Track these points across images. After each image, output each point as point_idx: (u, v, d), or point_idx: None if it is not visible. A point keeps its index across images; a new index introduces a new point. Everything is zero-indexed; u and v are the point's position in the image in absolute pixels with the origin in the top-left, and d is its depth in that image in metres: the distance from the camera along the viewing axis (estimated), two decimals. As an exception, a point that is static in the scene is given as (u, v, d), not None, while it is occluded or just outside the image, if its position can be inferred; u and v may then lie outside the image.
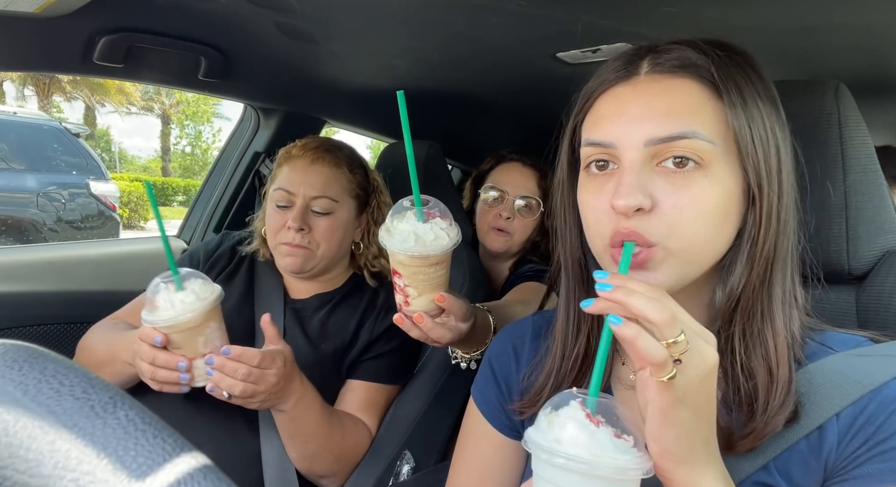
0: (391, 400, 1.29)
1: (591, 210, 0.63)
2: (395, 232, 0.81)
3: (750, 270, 0.60)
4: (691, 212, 0.57)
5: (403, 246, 0.79)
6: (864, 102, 0.78)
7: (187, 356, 0.97)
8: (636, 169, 0.58)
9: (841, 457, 0.58)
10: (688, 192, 0.57)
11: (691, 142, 0.57)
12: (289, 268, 1.25)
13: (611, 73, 0.64)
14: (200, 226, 1.91)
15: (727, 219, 0.59)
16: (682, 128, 0.58)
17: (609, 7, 1.02)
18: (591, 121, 0.65)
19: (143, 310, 0.97)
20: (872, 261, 0.78)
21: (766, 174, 0.59)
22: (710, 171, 0.58)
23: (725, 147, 0.59)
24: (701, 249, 0.59)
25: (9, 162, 6.64)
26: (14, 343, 0.34)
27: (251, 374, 0.96)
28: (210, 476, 0.29)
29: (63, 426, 0.30)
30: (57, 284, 1.56)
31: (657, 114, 0.59)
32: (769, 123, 0.60)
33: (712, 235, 0.59)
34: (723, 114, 0.59)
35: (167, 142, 25.51)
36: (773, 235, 0.60)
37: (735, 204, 0.60)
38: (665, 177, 0.58)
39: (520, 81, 1.54)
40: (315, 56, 1.46)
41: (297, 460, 1.12)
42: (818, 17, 1.01)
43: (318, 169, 1.25)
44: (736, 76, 0.60)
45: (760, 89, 0.61)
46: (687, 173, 0.58)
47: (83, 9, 1.11)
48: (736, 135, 0.58)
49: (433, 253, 0.79)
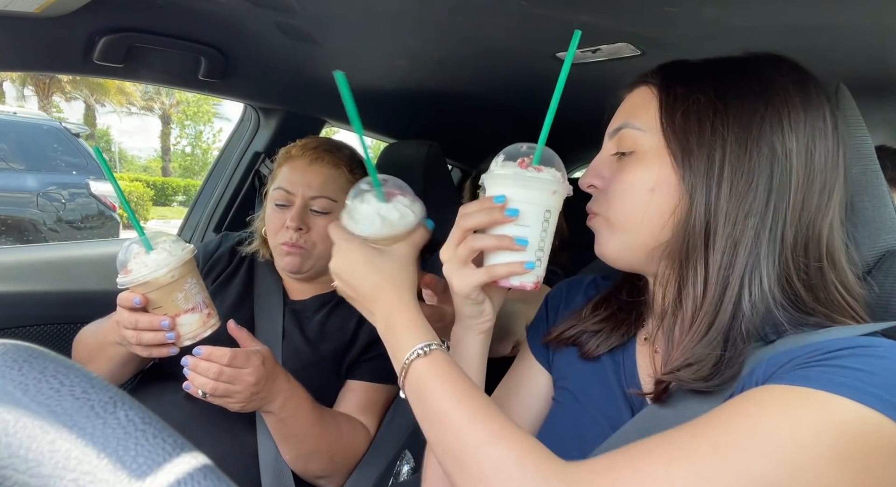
0: (391, 400, 1.29)
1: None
2: (357, 216, 0.76)
3: (689, 235, 0.65)
4: (620, 186, 0.69)
5: (371, 230, 0.75)
6: (864, 102, 0.78)
7: (169, 314, 0.97)
8: (603, 158, 0.74)
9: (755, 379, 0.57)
10: (621, 173, 0.70)
11: (626, 131, 0.70)
12: (287, 268, 1.25)
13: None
14: (200, 226, 1.91)
15: (654, 194, 0.67)
16: (622, 121, 0.72)
17: (609, 7, 1.02)
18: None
19: (118, 276, 0.96)
20: (872, 262, 0.78)
21: (699, 149, 0.65)
22: (642, 157, 0.69)
23: (658, 134, 0.68)
24: (630, 218, 0.69)
25: (9, 162, 6.64)
26: (14, 343, 0.35)
27: (223, 373, 0.96)
28: (210, 476, 0.29)
29: (63, 426, 0.30)
30: (57, 284, 1.56)
31: (617, 115, 0.75)
32: (702, 105, 0.66)
33: (640, 206, 0.67)
34: (658, 109, 0.69)
35: (167, 142, 25.53)
36: (701, 208, 0.64)
37: (666, 182, 0.66)
38: (615, 164, 0.72)
39: (520, 81, 1.54)
40: (315, 56, 1.46)
41: (292, 461, 1.12)
42: (818, 17, 1.01)
43: (318, 169, 1.25)
44: (677, 76, 0.70)
45: (701, 84, 0.68)
46: (625, 159, 0.70)
47: (83, 9, 1.11)
48: (664, 119, 0.68)
49: (401, 230, 0.75)
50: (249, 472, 1.12)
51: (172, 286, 0.96)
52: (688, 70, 0.71)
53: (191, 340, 0.99)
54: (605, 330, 0.78)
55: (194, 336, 0.99)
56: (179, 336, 0.98)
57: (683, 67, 0.71)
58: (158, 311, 0.97)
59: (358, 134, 0.79)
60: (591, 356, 0.78)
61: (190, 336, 0.99)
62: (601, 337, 0.78)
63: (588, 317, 0.80)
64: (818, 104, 0.65)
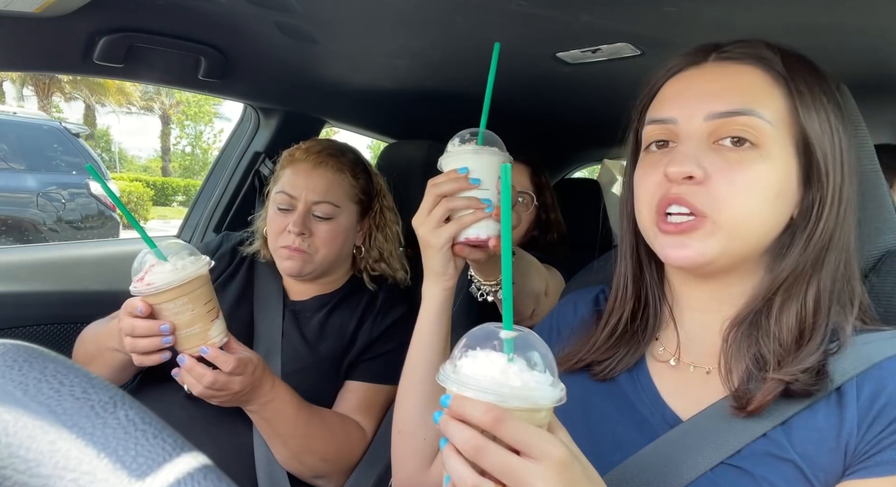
0: (390, 400, 1.29)
1: (642, 183, 0.67)
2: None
3: (801, 254, 0.62)
4: (742, 187, 0.59)
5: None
6: (864, 102, 0.78)
7: (176, 324, 0.95)
8: (694, 142, 0.61)
9: (864, 442, 0.56)
10: (741, 169, 0.59)
11: (750, 118, 0.59)
12: (288, 272, 1.25)
13: (678, 60, 0.68)
14: (200, 226, 1.91)
15: (779, 199, 0.61)
16: (742, 104, 0.60)
17: (609, 7, 1.02)
18: (656, 103, 0.69)
19: (132, 285, 0.95)
20: (872, 262, 0.78)
21: (831, 161, 0.61)
22: (767, 152, 0.60)
23: (785, 132, 0.61)
24: (749, 226, 0.61)
25: (9, 162, 6.64)
26: (14, 343, 0.34)
27: (216, 382, 0.96)
28: (210, 476, 0.29)
29: (63, 426, 0.30)
30: (57, 284, 1.56)
31: (719, 92, 0.62)
32: (833, 118, 0.63)
33: (762, 213, 0.60)
34: (785, 102, 0.61)
35: (167, 142, 25.52)
36: (831, 224, 0.61)
37: (789, 187, 0.61)
38: (721, 154, 0.61)
39: (520, 81, 1.54)
40: (315, 56, 1.46)
41: (283, 461, 1.12)
42: (818, 16, 1.01)
43: (321, 173, 1.25)
44: (803, 71, 0.63)
45: (826, 89, 0.64)
46: (743, 152, 0.60)
47: (83, 9, 1.11)
48: (802, 120, 0.60)
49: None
50: (249, 472, 1.12)
51: (187, 297, 0.95)
52: (804, 62, 0.65)
53: (193, 350, 0.97)
54: (620, 352, 0.73)
55: (203, 345, 0.98)
56: (179, 342, 0.97)
57: (799, 58, 0.65)
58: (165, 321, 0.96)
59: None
60: (607, 378, 0.73)
61: (194, 345, 0.97)
62: (616, 359, 0.73)
63: (602, 344, 0.75)
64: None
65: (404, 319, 1.31)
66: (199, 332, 0.97)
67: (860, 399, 0.58)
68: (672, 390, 0.69)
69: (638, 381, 0.71)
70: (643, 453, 0.64)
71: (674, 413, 0.67)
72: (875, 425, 0.56)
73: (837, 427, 0.58)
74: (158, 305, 0.95)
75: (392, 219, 1.38)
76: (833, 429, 0.58)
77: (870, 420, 0.57)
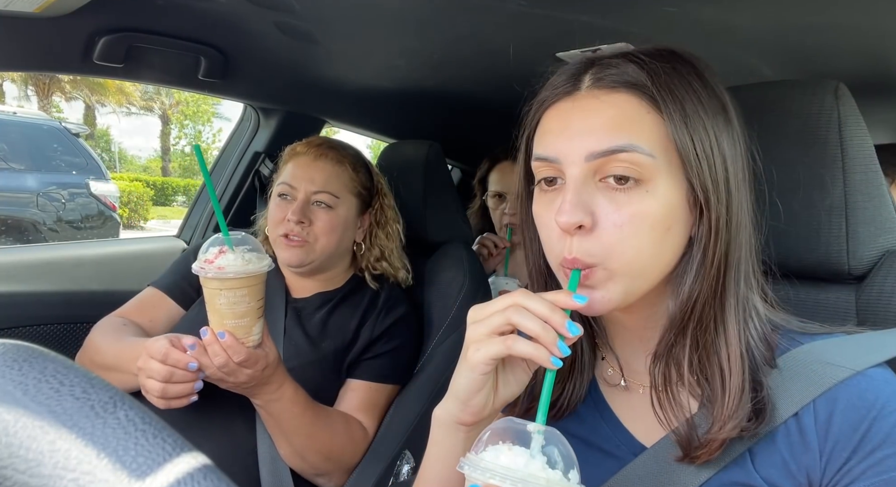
0: (391, 399, 1.29)
1: (544, 227, 0.65)
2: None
3: (702, 280, 0.60)
4: (630, 229, 0.58)
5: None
6: (864, 102, 0.78)
7: (225, 319, 0.96)
8: (579, 185, 0.59)
9: (830, 472, 0.56)
10: (628, 210, 0.58)
11: (630, 155, 0.58)
12: (288, 262, 1.26)
13: (555, 88, 0.65)
14: (200, 226, 1.91)
15: (670, 232, 0.60)
16: (620, 141, 0.58)
17: (609, 7, 1.02)
18: (539, 135, 0.66)
19: (198, 265, 0.96)
20: (872, 261, 0.78)
21: (712, 185, 0.59)
22: (652, 187, 0.58)
23: (667, 159, 0.59)
24: (644, 265, 0.60)
25: (9, 162, 6.64)
26: (14, 343, 0.34)
27: (226, 366, 0.97)
28: (210, 476, 0.29)
29: (63, 426, 0.30)
30: (57, 284, 1.56)
31: (596, 129, 0.59)
32: (713, 134, 0.60)
33: (655, 250, 0.59)
34: (664, 128, 0.59)
35: (167, 142, 25.51)
36: (723, 245, 0.60)
37: (680, 216, 0.60)
38: (607, 194, 0.59)
39: (520, 81, 1.54)
40: (315, 56, 1.46)
41: (286, 457, 1.13)
42: (818, 16, 1.01)
43: (321, 165, 1.28)
44: (677, 89, 0.59)
45: (705, 98, 0.60)
46: (628, 191, 0.58)
47: (83, 9, 1.11)
48: (678, 147, 0.58)
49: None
50: (250, 472, 1.12)
51: (247, 290, 0.96)
52: (667, 64, 0.61)
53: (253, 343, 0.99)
54: (569, 384, 0.70)
55: (246, 340, 0.99)
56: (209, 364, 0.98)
57: (663, 62, 0.61)
58: (214, 316, 0.97)
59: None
60: (566, 413, 0.70)
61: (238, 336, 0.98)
62: (567, 390, 0.70)
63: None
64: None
65: (406, 318, 1.32)
66: (245, 326, 0.99)
67: (818, 422, 0.57)
68: (630, 416, 0.68)
69: (596, 410, 0.70)
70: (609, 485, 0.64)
71: (637, 442, 0.66)
72: (838, 451, 0.56)
73: (801, 453, 0.58)
74: (218, 291, 0.96)
75: (393, 218, 1.39)
76: (796, 456, 0.58)
77: (830, 445, 0.56)
